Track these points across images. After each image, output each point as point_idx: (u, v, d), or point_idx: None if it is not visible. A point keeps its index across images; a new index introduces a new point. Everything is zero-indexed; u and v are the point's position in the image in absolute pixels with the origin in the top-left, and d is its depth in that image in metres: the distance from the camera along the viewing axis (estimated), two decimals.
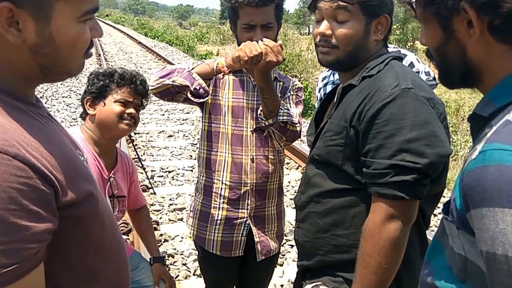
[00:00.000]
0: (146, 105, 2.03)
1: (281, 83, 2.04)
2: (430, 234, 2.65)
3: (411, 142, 1.21)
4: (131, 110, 1.88)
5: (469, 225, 0.77)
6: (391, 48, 2.25)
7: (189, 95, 1.85)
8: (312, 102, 10.28)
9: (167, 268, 3.50)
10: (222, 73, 1.85)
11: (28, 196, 0.73)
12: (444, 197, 4.41)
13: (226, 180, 1.97)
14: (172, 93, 1.87)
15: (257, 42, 1.75)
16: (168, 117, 8.47)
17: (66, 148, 0.90)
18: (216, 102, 1.96)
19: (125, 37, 27.09)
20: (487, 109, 0.83)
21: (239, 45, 1.91)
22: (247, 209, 1.99)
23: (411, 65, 2.24)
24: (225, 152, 1.96)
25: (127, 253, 2.04)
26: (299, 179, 5.47)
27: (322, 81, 2.80)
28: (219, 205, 1.99)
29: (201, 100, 1.87)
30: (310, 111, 9.54)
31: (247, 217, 1.99)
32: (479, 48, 0.83)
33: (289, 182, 5.32)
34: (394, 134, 1.23)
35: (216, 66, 1.83)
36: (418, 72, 2.16)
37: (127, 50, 20.00)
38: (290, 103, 2.01)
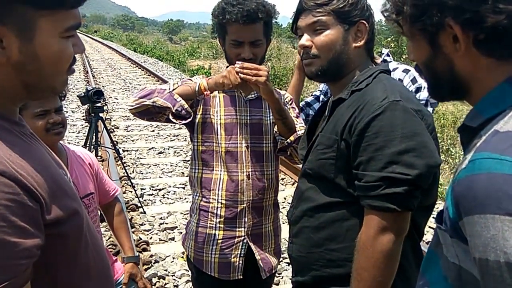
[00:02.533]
0: (65, 95, 1.95)
1: None
2: (424, 246, 2.63)
3: (401, 154, 1.24)
4: (54, 118, 1.79)
5: (462, 233, 0.80)
6: (395, 64, 2.26)
7: (170, 116, 1.85)
8: None
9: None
10: (204, 95, 1.86)
11: (16, 212, 0.74)
12: (437, 208, 4.38)
13: (222, 199, 1.95)
14: (152, 113, 1.88)
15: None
16: (158, 133, 8.46)
17: (50, 166, 0.91)
18: (207, 121, 1.95)
19: (114, 53, 27.20)
20: (476, 120, 0.87)
21: (227, 59, 1.95)
22: (244, 227, 1.97)
23: (414, 80, 2.25)
24: (220, 170, 1.95)
25: (117, 274, 2.00)
26: None
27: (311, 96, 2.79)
28: (215, 224, 1.97)
29: (184, 121, 1.87)
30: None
31: (244, 236, 1.98)
32: (466, 62, 0.86)
33: (284, 198, 5.29)
34: (384, 146, 1.26)
35: (198, 88, 1.83)
36: (420, 87, 2.18)
37: (115, 66, 20.05)
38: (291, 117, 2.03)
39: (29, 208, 0.77)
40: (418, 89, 2.13)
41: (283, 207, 5.04)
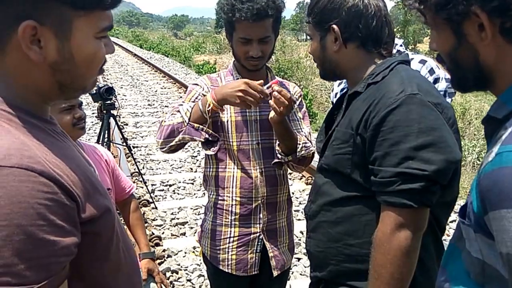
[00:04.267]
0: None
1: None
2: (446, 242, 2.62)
3: (417, 149, 1.21)
4: (79, 113, 1.82)
5: (487, 227, 0.78)
6: (410, 55, 2.22)
7: (202, 147, 1.90)
8: (312, 110, 10.30)
9: (169, 279, 3.49)
10: (219, 112, 1.87)
11: (55, 211, 0.75)
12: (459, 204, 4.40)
13: (236, 196, 1.96)
14: (183, 145, 1.91)
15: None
16: None
17: (82, 164, 0.92)
18: (218, 119, 1.94)
19: (120, 49, 27.18)
20: (501, 111, 0.84)
21: (234, 55, 1.94)
22: (259, 223, 1.98)
23: (432, 71, 2.21)
24: (233, 168, 1.95)
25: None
26: (303, 190, 5.47)
27: (339, 86, 2.80)
28: (231, 222, 1.97)
29: (215, 148, 1.90)
30: (310, 119, 9.55)
31: (260, 232, 1.98)
32: (491, 51, 0.84)
33: (293, 193, 5.30)
34: (400, 141, 1.23)
35: (210, 109, 1.80)
36: (438, 78, 2.13)
37: (122, 63, 20.05)
38: (297, 119, 2.03)
39: (67, 207, 0.78)
40: (436, 80, 2.09)
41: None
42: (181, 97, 11.80)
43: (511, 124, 0.80)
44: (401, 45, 2.26)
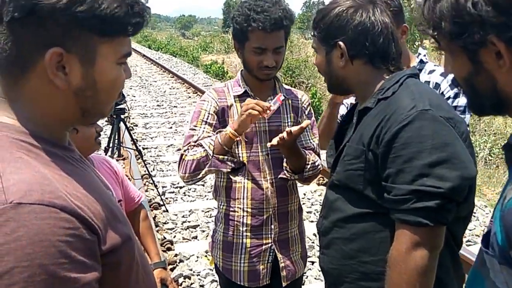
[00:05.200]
0: None
1: (290, 101, 2.01)
2: (465, 251, 2.54)
3: (431, 166, 1.18)
4: (99, 127, 1.80)
5: None
6: (432, 66, 2.15)
7: (229, 174, 1.91)
8: (322, 108, 10.19)
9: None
10: (240, 140, 1.87)
11: (76, 247, 0.74)
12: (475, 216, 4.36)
13: (247, 207, 1.92)
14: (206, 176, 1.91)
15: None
16: (176, 130, 8.45)
17: (102, 192, 0.90)
18: None
19: None
20: None
21: (245, 65, 1.91)
22: (271, 234, 1.95)
23: (452, 85, 2.11)
24: (244, 179, 1.92)
25: None
26: (314, 190, 5.40)
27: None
28: (242, 233, 1.94)
29: (242, 173, 1.90)
30: (319, 117, 9.47)
31: (271, 243, 1.95)
32: (510, 77, 0.82)
33: (304, 194, 5.24)
34: (413, 158, 1.20)
35: (229, 139, 1.79)
36: (458, 93, 2.04)
37: (131, 64, 20.08)
38: (305, 129, 1.97)
39: (88, 241, 0.76)
40: (456, 95, 2.02)
41: (303, 203, 5.00)
42: (189, 97, 11.82)
43: None
44: (424, 55, 2.20)
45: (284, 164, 1.91)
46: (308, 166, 1.91)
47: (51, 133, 0.86)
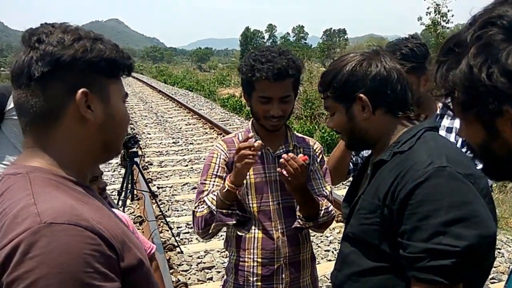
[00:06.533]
0: None
1: (301, 149, 2.07)
2: None
3: (448, 224, 1.18)
4: (102, 184, 1.94)
5: None
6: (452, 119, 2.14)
7: (235, 228, 1.98)
8: (338, 140, 10.23)
9: None
10: (239, 192, 1.92)
11: (99, 261, 0.89)
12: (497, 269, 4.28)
13: (257, 257, 1.97)
14: (220, 230, 2.01)
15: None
16: (191, 167, 8.58)
17: (118, 222, 1.07)
18: None
19: (144, 86, 27.89)
20: None
21: (253, 114, 1.99)
22: (282, 284, 1.98)
23: None
24: (254, 229, 1.97)
25: None
26: (333, 228, 5.41)
27: None
28: (253, 283, 1.98)
29: (248, 227, 1.96)
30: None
31: None
32: None
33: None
34: (429, 215, 1.20)
35: (229, 193, 1.86)
36: None
37: (147, 100, 20.55)
38: (318, 177, 2.06)
39: (109, 257, 0.91)
40: None
41: (314, 235, 5.02)
42: (206, 133, 12.03)
43: None
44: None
45: (297, 213, 1.94)
46: (322, 212, 1.94)
47: (75, 174, 1.04)
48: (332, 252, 4.75)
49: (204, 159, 9.05)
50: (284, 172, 1.79)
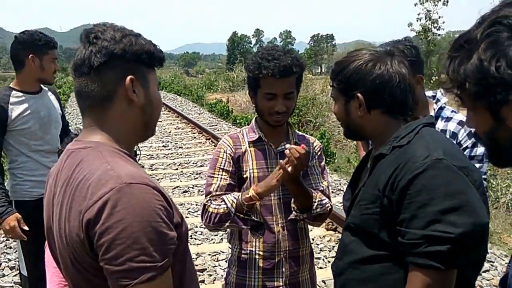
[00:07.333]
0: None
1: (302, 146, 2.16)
2: None
3: (444, 212, 1.27)
4: None
5: None
6: (449, 113, 2.26)
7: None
8: (330, 150, 10.36)
9: None
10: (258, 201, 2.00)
11: (164, 213, 1.11)
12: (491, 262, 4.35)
13: (259, 250, 2.07)
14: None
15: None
16: (181, 171, 8.62)
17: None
18: (242, 176, 2.09)
19: None
20: None
21: (257, 111, 2.09)
22: (282, 277, 2.08)
23: (470, 134, 2.20)
24: (261, 228, 2.04)
25: None
26: (323, 236, 5.46)
27: None
28: (254, 275, 2.08)
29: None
30: (328, 159, 9.60)
31: (283, 285, 2.08)
32: None
33: (313, 239, 5.31)
34: (426, 204, 1.29)
35: (250, 201, 1.95)
36: (477, 142, 2.16)
37: None
38: (316, 173, 2.16)
39: (168, 211, 1.13)
40: (474, 144, 2.13)
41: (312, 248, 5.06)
42: (195, 137, 12.09)
43: None
44: (445, 103, 2.32)
45: (292, 204, 2.05)
46: (315, 204, 2.03)
47: (126, 147, 1.27)
48: (323, 260, 4.79)
49: (193, 163, 9.17)
50: (286, 161, 1.86)
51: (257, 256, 2.07)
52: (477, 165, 2.09)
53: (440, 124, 2.25)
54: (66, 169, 1.22)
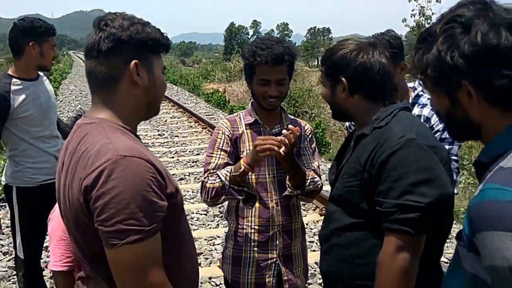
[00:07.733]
0: None
1: None
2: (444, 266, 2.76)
3: (415, 185, 1.48)
4: None
5: (476, 247, 1.02)
6: (425, 100, 2.47)
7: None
8: (326, 140, 10.51)
9: None
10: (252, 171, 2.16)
11: (155, 184, 1.25)
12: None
13: (255, 225, 2.25)
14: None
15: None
16: (177, 159, 8.76)
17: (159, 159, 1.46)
18: (239, 156, 2.26)
19: None
20: (487, 157, 1.12)
21: (253, 96, 2.26)
22: (276, 249, 2.27)
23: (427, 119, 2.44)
24: (253, 199, 2.25)
25: None
26: (317, 221, 5.61)
27: None
28: (250, 248, 2.26)
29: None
30: (323, 149, 9.76)
31: (276, 257, 2.27)
32: (478, 111, 1.11)
33: (307, 224, 5.44)
34: (400, 177, 1.50)
35: (243, 172, 2.10)
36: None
37: None
38: (308, 154, 2.35)
39: (160, 182, 1.27)
40: (445, 128, 2.32)
41: (306, 233, 5.20)
42: (191, 126, 12.17)
43: (494, 167, 1.07)
44: (422, 90, 2.53)
45: (287, 182, 2.23)
46: (308, 181, 2.22)
47: (131, 125, 1.40)
48: (316, 243, 4.93)
49: (190, 151, 9.28)
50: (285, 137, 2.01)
51: (252, 230, 2.25)
52: (448, 147, 2.30)
53: (416, 110, 2.47)
54: (73, 141, 1.37)
